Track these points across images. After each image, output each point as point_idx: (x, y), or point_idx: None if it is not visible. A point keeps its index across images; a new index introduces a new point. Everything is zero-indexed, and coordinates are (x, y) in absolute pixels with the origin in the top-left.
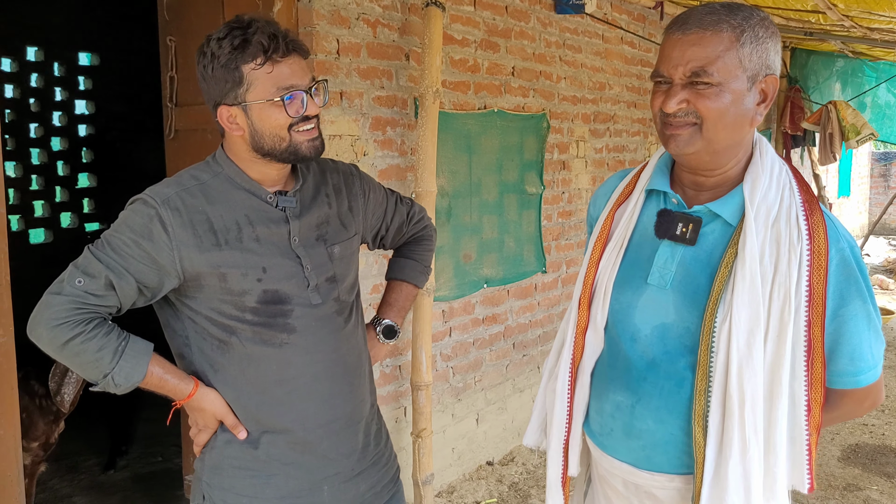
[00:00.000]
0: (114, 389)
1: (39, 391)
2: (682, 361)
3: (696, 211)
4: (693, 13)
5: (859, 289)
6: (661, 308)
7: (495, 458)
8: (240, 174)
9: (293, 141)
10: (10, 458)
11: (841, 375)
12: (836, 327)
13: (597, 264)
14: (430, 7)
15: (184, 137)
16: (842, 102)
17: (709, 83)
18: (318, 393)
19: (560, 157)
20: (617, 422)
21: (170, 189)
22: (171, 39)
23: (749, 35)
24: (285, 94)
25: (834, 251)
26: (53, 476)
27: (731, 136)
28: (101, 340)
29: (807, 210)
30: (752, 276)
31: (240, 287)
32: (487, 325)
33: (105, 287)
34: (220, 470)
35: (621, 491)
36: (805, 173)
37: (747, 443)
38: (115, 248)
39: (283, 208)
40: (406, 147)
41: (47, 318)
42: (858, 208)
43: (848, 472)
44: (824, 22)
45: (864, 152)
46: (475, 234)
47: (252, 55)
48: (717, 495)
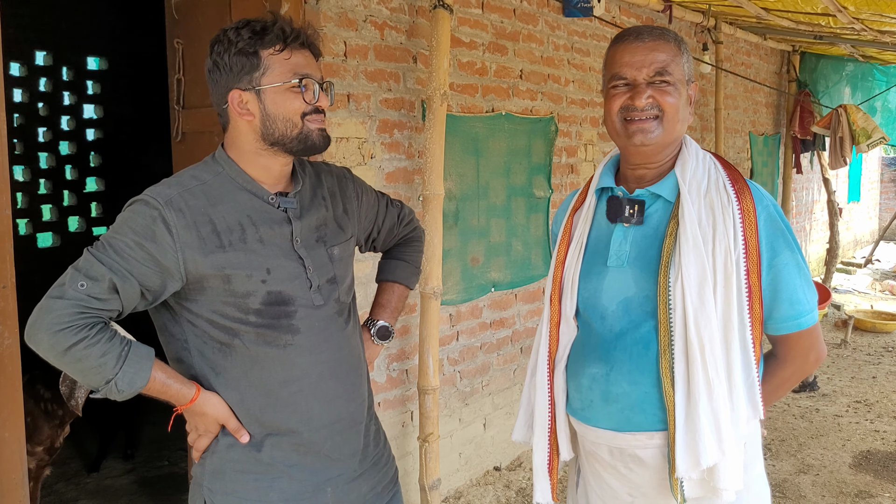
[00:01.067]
0: (115, 396)
1: (46, 395)
2: (646, 326)
3: (638, 194)
4: (641, 28)
5: (787, 241)
6: (622, 285)
7: (503, 463)
8: (241, 174)
9: (305, 128)
10: (15, 461)
11: (785, 321)
12: (773, 276)
13: (563, 263)
14: (437, 9)
15: (191, 140)
16: (852, 106)
17: (668, 81)
18: (322, 393)
19: (568, 161)
20: (595, 392)
21: (172, 190)
22: (178, 42)
23: (683, 48)
24: (302, 78)
25: (760, 209)
26: (59, 480)
27: (680, 128)
28: (105, 346)
29: (732, 179)
30: (693, 237)
31: (244, 289)
32: (495, 329)
33: (108, 290)
34: (223, 474)
35: (607, 460)
36: (815, 178)
37: (711, 384)
38: (117, 250)
39: (285, 209)
40: (413, 150)
41: (49, 324)
42: (869, 213)
43: (860, 479)
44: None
45: (875, 157)
46: (483, 238)
47: (271, 41)
48: (691, 438)
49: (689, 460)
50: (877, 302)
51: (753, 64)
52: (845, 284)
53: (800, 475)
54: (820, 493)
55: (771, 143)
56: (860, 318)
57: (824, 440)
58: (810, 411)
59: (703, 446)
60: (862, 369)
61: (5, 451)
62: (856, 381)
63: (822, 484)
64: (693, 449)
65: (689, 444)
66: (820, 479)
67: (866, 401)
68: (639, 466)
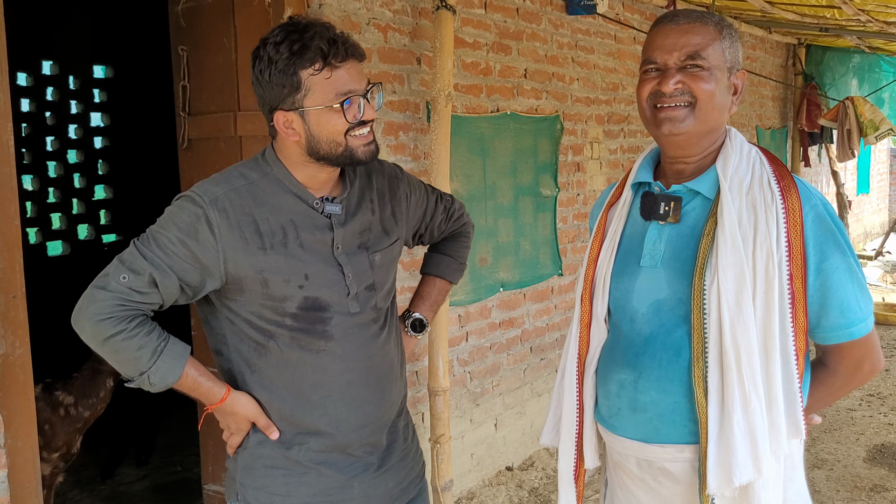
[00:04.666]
0: (148, 387)
1: (66, 401)
2: (678, 332)
3: (675, 190)
4: (679, 11)
5: (837, 242)
6: (654, 286)
7: (515, 463)
8: (288, 177)
9: (349, 146)
10: (29, 469)
11: (835, 329)
12: (822, 282)
13: (595, 261)
14: (440, 10)
15: (197, 146)
16: (859, 98)
17: (701, 66)
18: (351, 398)
19: (574, 159)
20: (622, 399)
21: (219, 188)
22: (182, 49)
23: (727, 32)
24: (344, 99)
25: (808, 208)
26: (73, 487)
27: (716, 118)
28: (142, 339)
29: (777, 176)
30: (732, 238)
31: (281, 293)
32: (504, 329)
33: (149, 284)
34: (253, 470)
35: (635, 472)
36: (823, 171)
37: (748, 396)
38: (160, 244)
39: (329, 215)
40: (419, 151)
41: (91, 313)
42: (878, 205)
43: (874, 473)
44: (840, 17)
45: (883, 149)
46: (490, 238)
47: (310, 60)
48: (724, 453)
49: (721, 476)
50: (888, 294)
51: (759, 58)
52: None
53: (814, 470)
54: (834, 487)
55: (778, 136)
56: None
57: (838, 434)
58: None
59: (737, 462)
60: None
61: (19, 460)
62: None
63: (836, 478)
64: (726, 465)
65: (722, 459)
66: (834, 473)
67: (879, 394)
68: (668, 480)
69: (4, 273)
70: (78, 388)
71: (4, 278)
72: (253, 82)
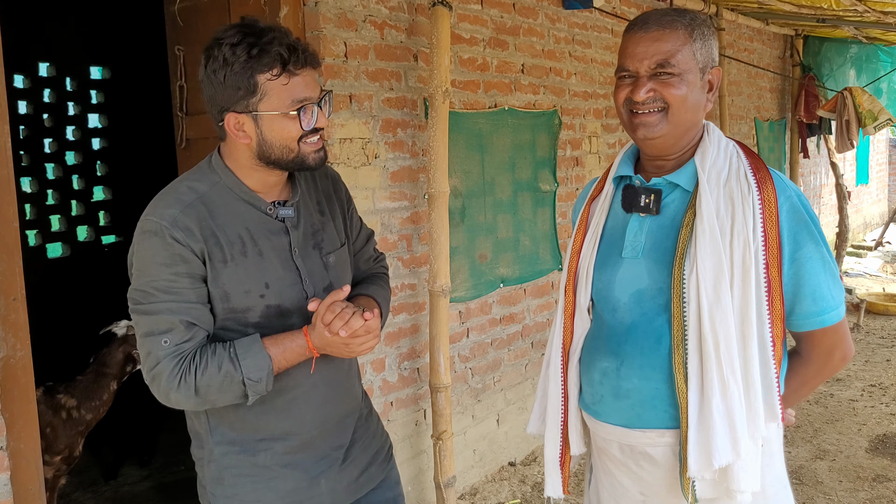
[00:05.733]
0: (262, 388)
1: (68, 404)
2: (659, 320)
3: (655, 183)
4: (650, 15)
5: (811, 232)
6: (636, 276)
7: (517, 458)
8: (238, 185)
9: (301, 152)
10: (31, 472)
11: (807, 317)
12: (796, 270)
13: (578, 253)
14: (436, 7)
15: (195, 146)
16: (857, 89)
17: (671, 73)
18: (315, 399)
19: (573, 154)
20: (605, 387)
21: (173, 209)
22: (179, 49)
23: (698, 33)
24: (300, 106)
25: (783, 199)
26: (77, 488)
27: (690, 119)
28: (216, 360)
29: (754, 168)
30: (710, 228)
31: (242, 304)
32: (505, 324)
33: (187, 328)
34: (222, 480)
35: (618, 457)
36: (822, 162)
37: (726, 381)
38: (165, 290)
39: (283, 219)
40: (417, 148)
41: (166, 387)
42: (877, 196)
43: (876, 463)
44: (837, 7)
45: (882, 139)
46: (490, 234)
47: (269, 65)
48: (704, 437)
49: (701, 460)
50: (888, 284)
51: (756, 49)
52: (856, 268)
53: (816, 461)
54: (837, 478)
55: (777, 128)
56: (872, 301)
57: (839, 425)
58: (825, 396)
59: (716, 446)
60: (875, 353)
61: (21, 462)
62: (870, 364)
63: (838, 469)
64: (706, 448)
65: (702, 443)
66: (836, 464)
67: (881, 384)
68: (650, 464)
69: (4, 276)
70: (81, 390)
71: (4, 281)
72: (202, 80)
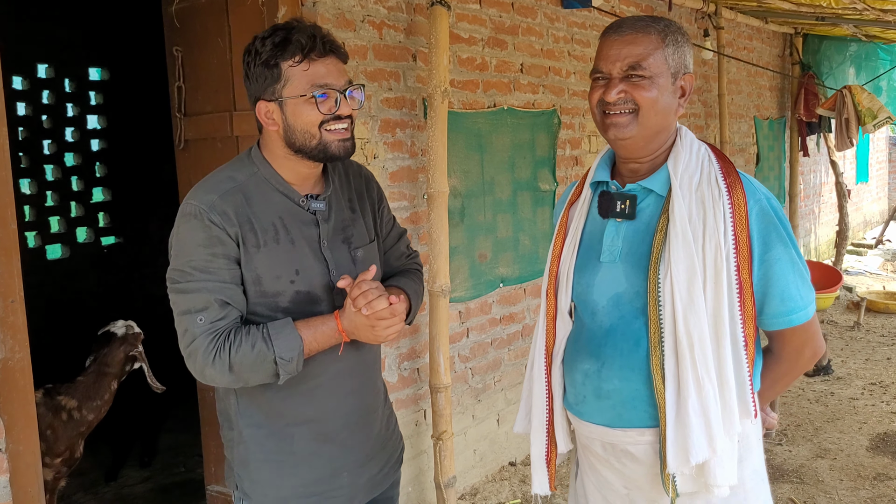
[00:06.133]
0: (292, 368)
1: (68, 405)
2: (637, 323)
3: (630, 189)
4: (625, 21)
5: (780, 235)
6: (613, 280)
7: (517, 458)
8: (274, 175)
9: (323, 139)
10: (31, 474)
11: (776, 317)
12: (765, 271)
13: (558, 257)
14: (435, 6)
15: (194, 147)
16: (857, 87)
17: (642, 76)
18: (339, 388)
19: (572, 153)
20: (587, 387)
21: (212, 195)
22: (177, 49)
23: (671, 39)
24: (319, 91)
25: (752, 203)
26: (77, 490)
27: (660, 122)
28: (249, 339)
29: (724, 173)
30: (683, 233)
31: (273, 289)
32: (505, 324)
33: (221, 308)
34: (248, 464)
35: (601, 454)
36: (822, 160)
37: (701, 381)
38: (202, 269)
39: (314, 212)
40: (416, 148)
41: (202, 363)
42: (877, 194)
43: (877, 462)
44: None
45: (882, 137)
46: (490, 234)
47: (291, 53)
48: (681, 434)
49: (679, 456)
50: (889, 283)
51: (756, 48)
52: (856, 266)
53: (817, 460)
54: (838, 477)
55: (776, 126)
56: (873, 300)
57: (840, 424)
58: (825, 395)
59: (693, 443)
60: (876, 351)
61: (20, 465)
62: (870, 363)
63: (839, 468)
64: (683, 446)
65: (680, 440)
66: (837, 463)
67: (881, 382)
68: (632, 461)
69: (2, 277)
70: (82, 391)
71: (2, 283)
72: (243, 76)
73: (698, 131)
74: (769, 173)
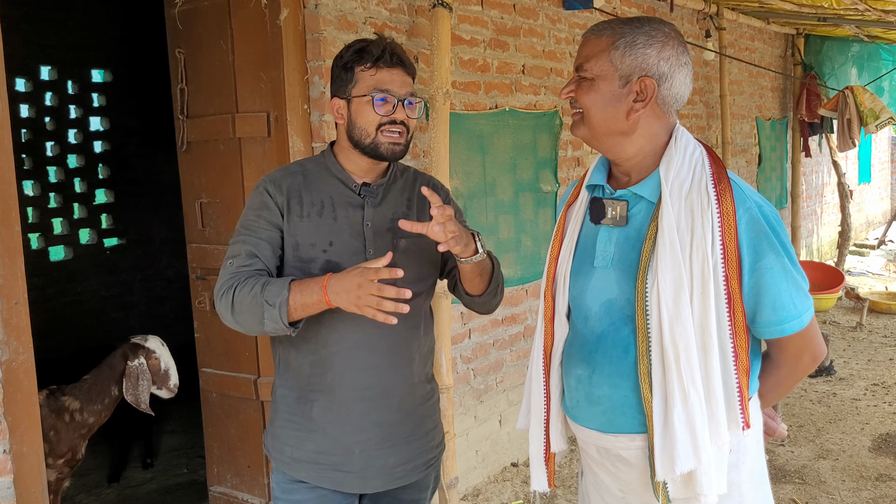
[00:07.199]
0: (275, 314)
1: (72, 406)
2: (626, 330)
3: (620, 195)
4: (601, 23)
5: (772, 244)
6: (606, 286)
7: (519, 459)
8: (335, 164)
9: (376, 139)
10: (34, 475)
11: (767, 326)
12: (756, 280)
13: (556, 259)
14: (437, 8)
15: (196, 149)
16: (859, 87)
17: (583, 77)
18: (356, 360)
19: (574, 154)
20: (580, 393)
21: (276, 173)
22: (179, 52)
23: (623, 41)
24: (379, 95)
25: (741, 211)
26: (80, 491)
27: (607, 124)
28: (252, 283)
29: (715, 179)
30: (671, 243)
31: (308, 255)
32: (507, 325)
33: (248, 257)
34: (274, 420)
35: (596, 457)
36: (824, 161)
37: (686, 391)
38: (246, 227)
39: (364, 196)
40: (419, 150)
41: (216, 297)
42: (880, 194)
43: (880, 462)
44: (838, 6)
45: (884, 138)
46: (491, 235)
47: (364, 60)
48: (668, 443)
49: (666, 465)
50: (891, 283)
51: (758, 48)
52: (859, 266)
53: (819, 460)
54: (840, 477)
55: (778, 127)
56: (875, 300)
57: (843, 424)
58: (827, 396)
59: (678, 452)
60: (878, 352)
61: (24, 465)
62: (872, 363)
63: (841, 468)
64: (670, 454)
65: (666, 449)
66: (840, 463)
67: (884, 383)
68: (625, 466)
69: (6, 279)
70: (84, 393)
71: (6, 285)
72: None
73: (700, 132)
74: (771, 174)
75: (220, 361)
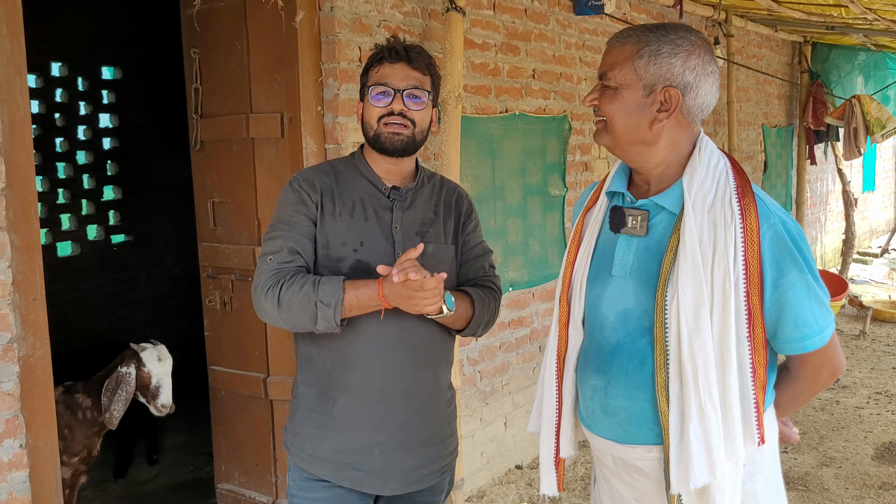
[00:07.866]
0: (329, 315)
1: (84, 403)
2: (643, 341)
3: (642, 204)
4: (624, 30)
5: (795, 260)
6: (623, 296)
7: (524, 461)
8: (365, 166)
9: (378, 130)
10: (49, 469)
11: (789, 342)
12: (778, 297)
13: (572, 264)
14: (450, 12)
15: (210, 148)
16: (866, 96)
17: (607, 86)
18: (380, 361)
19: (582, 159)
20: (595, 403)
21: (308, 171)
22: (194, 51)
23: (648, 50)
24: (378, 89)
25: (765, 227)
26: (87, 486)
27: (630, 133)
28: (300, 281)
29: (739, 193)
30: (693, 256)
31: (338, 254)
32: (514, 328)
33: (290, 253)
34: (294, 417)
35: (612, 467)
36: (829, 168)
37: (703, 406)
38: (284, 222)
39: (393, 199)
40: (430, 153)
41: (259, 294)
42: (884, 203)
43: (883, 471)
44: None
45: (889, 146)
46: (500, 238)
47: (374, 60)
48: (683, 457)
49: (681, 478)
50: (894, 292)
51: (765, 56)
52: (862, 275)
53: (822, 468)
54: (843, 485)
55: (784, 134)
56: (878, 309)
57: (846, 432)
58: (831, 403)
59: (693, 467)
60: (881, 360)
61: (39, 460)
62: (875, 371)
63: (844, 476)
64: (685, 468)
65: (682, 463)
66: (843, 471)
67: (887, 392)
68: (641, 476)
69: (25, 276)
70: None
71: (25, 281)
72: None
73: None
74: (776, 181)
75: (229, 360)
